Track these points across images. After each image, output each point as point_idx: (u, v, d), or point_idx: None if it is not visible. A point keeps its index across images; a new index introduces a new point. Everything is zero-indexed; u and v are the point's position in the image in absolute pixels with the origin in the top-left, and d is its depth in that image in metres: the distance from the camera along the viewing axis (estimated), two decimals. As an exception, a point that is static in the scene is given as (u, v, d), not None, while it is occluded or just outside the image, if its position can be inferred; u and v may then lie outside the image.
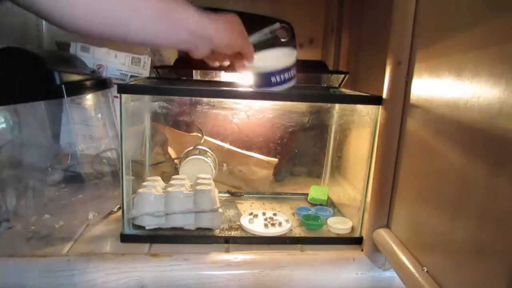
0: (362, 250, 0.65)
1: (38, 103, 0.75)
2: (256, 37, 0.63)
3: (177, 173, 0.79)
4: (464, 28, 0.42)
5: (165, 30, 0.48)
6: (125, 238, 0.65)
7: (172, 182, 0.70)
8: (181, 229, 0.67)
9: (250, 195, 0.87)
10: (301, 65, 0.86)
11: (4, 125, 0.75)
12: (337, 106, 0.83)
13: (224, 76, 0.79)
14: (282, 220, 0.72)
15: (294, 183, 0.94)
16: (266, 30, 0.65)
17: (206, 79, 0.80)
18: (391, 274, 0.61)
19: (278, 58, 0.64)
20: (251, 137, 0.86)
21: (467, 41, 0.42)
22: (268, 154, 0.89)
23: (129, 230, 0.66)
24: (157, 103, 0.77)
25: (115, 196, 0.77)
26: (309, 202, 0.84)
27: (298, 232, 0.70)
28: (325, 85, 0.86)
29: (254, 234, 0.68)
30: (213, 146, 0.86)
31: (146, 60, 0.91)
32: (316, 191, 0.85)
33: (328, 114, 0.84)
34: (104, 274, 0.57)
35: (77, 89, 0.72)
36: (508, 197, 0.34)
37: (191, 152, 0.82)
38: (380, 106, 0.62)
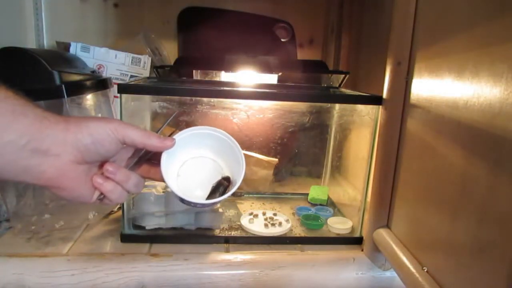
0: (362, 250, 0.65)
1: (38, 103, 0.75)
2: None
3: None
4: (464, 28, 0.42)
5: None
6: (125, 238, 0.65)
7: (172, 182, 0.70)
8: (181, 229, 0.67)
9: (250, 195, 0.87)
10: (301, 65, 0.86)
11: (4, 125, 0.75)
12: (337, 106, 0.82)
13: (224, 76, 0.79)
14: (282, 220, 0.72)
15: (294, 183, 0.94)
16: (168, 120, 0.49)
17: (206, 79, 0.80)
18: (391, 274, 0.61)
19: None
20: (251, 137, 0.86)
21: (467, 41, 0.42)
22: (268, 154, 0.89)
23: (129, 230, 0.66)
24: (157, 103, 0.77)
25: (115, 196, 0.77)
26: (309, 202, 0.84)
27: (298, 232, 0.70)
28: (325, 85, 0.86)
29: (254, 234, 0.68)
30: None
31: (146, 60, 0.91)
32: (316, 191, 0.85)
33: (328, 114, 0.84)
34: (104, 274, 0.57)
35: (77, 89, 0.72)
36: (508, 197, 0.34)
37: (191, 152, 0.82)
38: (380, 106, 0.62)
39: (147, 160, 0.44)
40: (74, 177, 0.37)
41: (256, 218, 0.73)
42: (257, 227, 0.69)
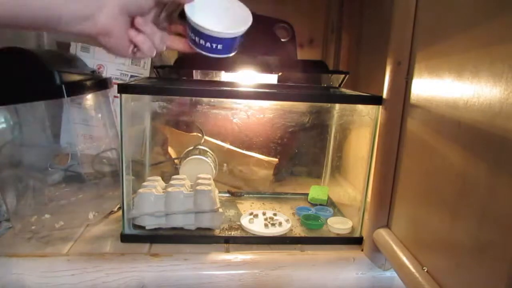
0: (362, 250, 0.65)
1: (38, 103, 0.75)
2: None
3: (177, 173, 0.79)
4: (464, 28, 0.42)
5: None
6: (125, 238, 0.65)
7: (172, 182, 0.70)
8: (181, 229, 0.67)
9: (250, 195, 0.87)
10: (301, 65, 0.86)
11: (4, 125, 0.76)
12: (337, 106, 0.83)
13: (224, 76, 0.79)
14: (282, 220, 0.72)
15: (294, 183, 0.94)
16: None
17: (206, 79, 0.80)
18: (391, 274, 0.61)
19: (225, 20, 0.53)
20: (251, 137, 0.86)
21: (467, 41, 0.42)
22: (268, 154, 0.89)
23: (129, 230, 0.66)
24: (157, 103, 0.77)
25: (115, 196, 0.77)
26: (309, 202, 0.84)
27: (298, 232, 0.70)
28: (325, 85, 0.86)
29: (254, 234, 0.68)
30: (213, 146, 0.86)
31: (146, 60, 0.91)
32: (316, 191, 0.85)
33: (328, 114, 0.84)
34: (104, 274, 0.57)
35: (77, 89, 0.72)
36: (508, 197, 0.34)
37: (191, 152, 0.82)
38: (380, 106, 0.62)
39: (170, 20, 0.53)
40: (119, 25, 0.45)
41: (256, 218, 0.73)
42: (257, 227, 0.69)
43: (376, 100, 0.62)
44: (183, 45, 0.54)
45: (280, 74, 0.79)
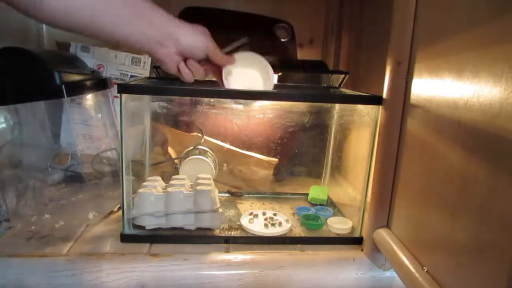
0: (362, 250, 0.65)
1: (38, 103, 0.75)
2: (226, 50, 0.66)
3: (177, 173, 0.79)
4: (464, 28, 0.42)
5: (132, 20, 0.54)
6: (125, 238, 0.65)
7: (172, 182, 0.70)
8: (181, 229, 0.67)
9: (250, 195, 0.87)
10: (301, 65, 0.87)
11: (4, 125, 0.76)
12: (337, 106, 0.82)
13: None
14: (282, 220, 0.72)
15: (294, 183, 0.94)
16: (235, 43, 0.68)
17: (206, 79, 0.80)
18: (391, 274, 0.61)
19: (255, 81, 0.69)
20: (251, 137, 0.86)
21: (467, 41, 0.42)
22: (268, 154, 0.89)
23: (129, 230, 0.66)
24: (157, 103, 0.77)
25: (115, 196, 0.77)
26: (309, 202, 0.84)
27: (298, 232, 0.70)
28: (325, 85, 0.86)
29: (254, 234, 0.68)
30: (213, 146, 0.86)
31: (146, 60, 0.91)
32: (316, 191, 0.85)
33: (328, 114, 0.84)
34: (104, 274, 0.57)
35: (77, 89, 0.72)
36: (508, 197, 0.34)
37: (191, 152, 0.82)
38: (380, 106, 0.62)
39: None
40: (172, 61, 0.60)
41: (256, 218, 0.73)
42: (257, 227, 0.69)
43: (376, 100, 0.62)
44: (218, 79, 0.67)
45: (280, 74, 0.79)
